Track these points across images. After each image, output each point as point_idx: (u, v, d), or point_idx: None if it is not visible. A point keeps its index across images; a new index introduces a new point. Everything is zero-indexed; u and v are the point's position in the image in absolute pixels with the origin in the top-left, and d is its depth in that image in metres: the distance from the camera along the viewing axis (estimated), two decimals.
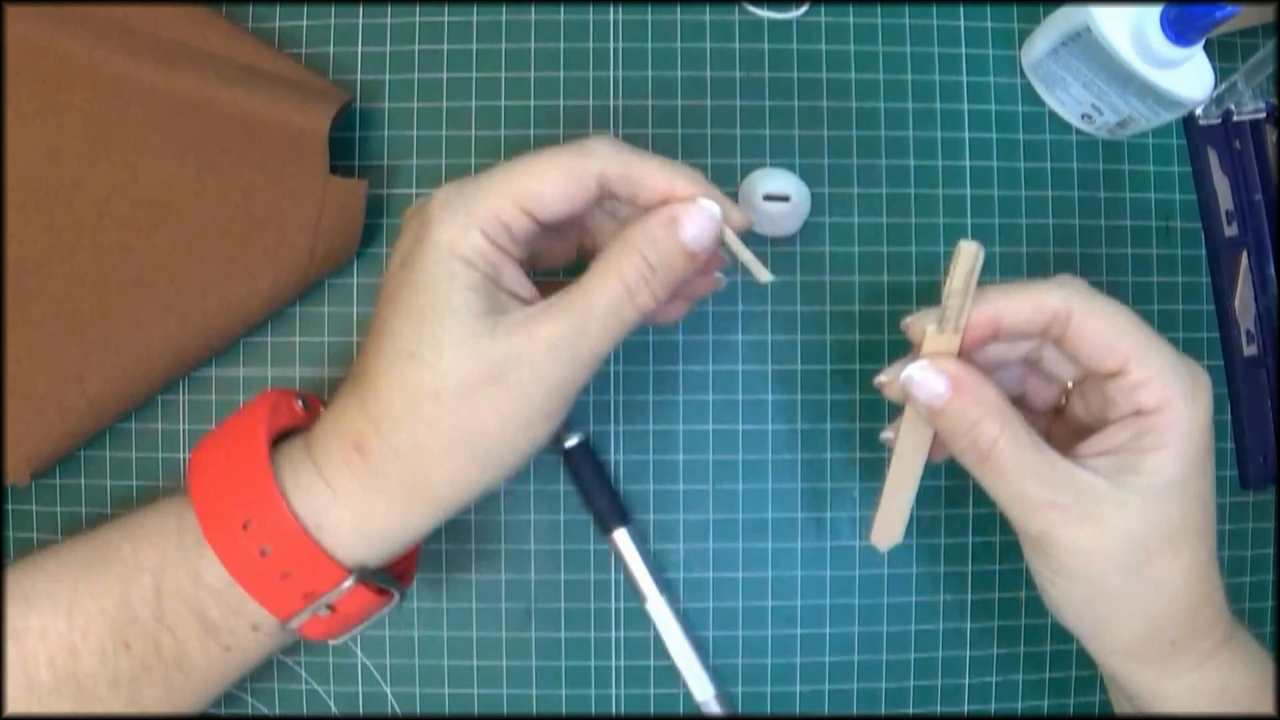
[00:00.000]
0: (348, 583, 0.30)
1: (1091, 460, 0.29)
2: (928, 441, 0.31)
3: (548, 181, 0.30)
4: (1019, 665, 0.42)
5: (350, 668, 0.42)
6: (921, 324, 0.31)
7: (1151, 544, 0.29)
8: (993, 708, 0.42)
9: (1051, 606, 0.32)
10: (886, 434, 0.33)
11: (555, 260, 0.36)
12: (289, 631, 0.32)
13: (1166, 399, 0.28)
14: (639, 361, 0.42)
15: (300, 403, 0.34)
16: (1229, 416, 0.44)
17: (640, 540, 0.41)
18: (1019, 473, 0.29)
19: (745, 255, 0.32)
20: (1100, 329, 0.29)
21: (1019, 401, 0.34)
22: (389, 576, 0.32)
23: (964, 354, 0.31)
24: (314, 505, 0.30)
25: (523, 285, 0.31)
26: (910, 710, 0.42)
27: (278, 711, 0.42)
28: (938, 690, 0.42)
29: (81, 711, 0.30)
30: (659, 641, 0.42)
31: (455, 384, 0.29)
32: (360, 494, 0.30)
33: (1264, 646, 0.33)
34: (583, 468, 0.41)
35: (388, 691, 0.42)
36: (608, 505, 0.41)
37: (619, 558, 0.41)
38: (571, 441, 0.41)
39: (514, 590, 0.42)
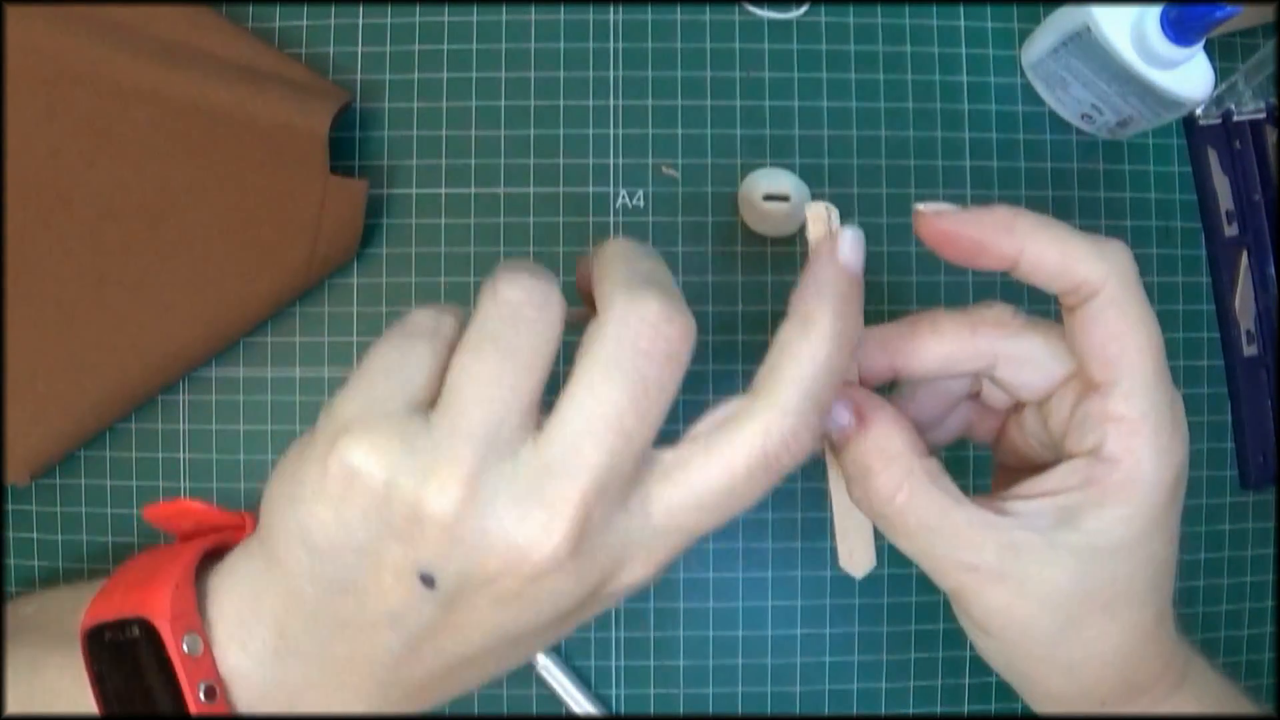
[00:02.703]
0: None
1: (1027, 504, 0.25)
2: None
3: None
4: None
5: None
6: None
7: (1081, 611, 0.25)
8: (993, 708, 0.42)
9: (979, 654, 0.29)
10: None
11: None
12: None
13: (1131, 450, 0.24)
14: None
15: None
16: (1229, 417, 0.44)
17: None
18: (922, 532, 0.25)
19: None
20: (1113, 331, 0.24)
21: (976, 396, 0.30)
22: None
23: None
24: None
25: None
26: (910, 710, 0.42)
27: None
28: (938, 690, 0.42)
29: None
30: (659, 642, 0.42)
31: None
32: None
33: (1225, 677, 0.30)
34: None
35: None
36: None
37: None
38: None
39: None
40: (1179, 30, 0.36)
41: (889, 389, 0.29)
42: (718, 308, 0.42)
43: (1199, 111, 0.43)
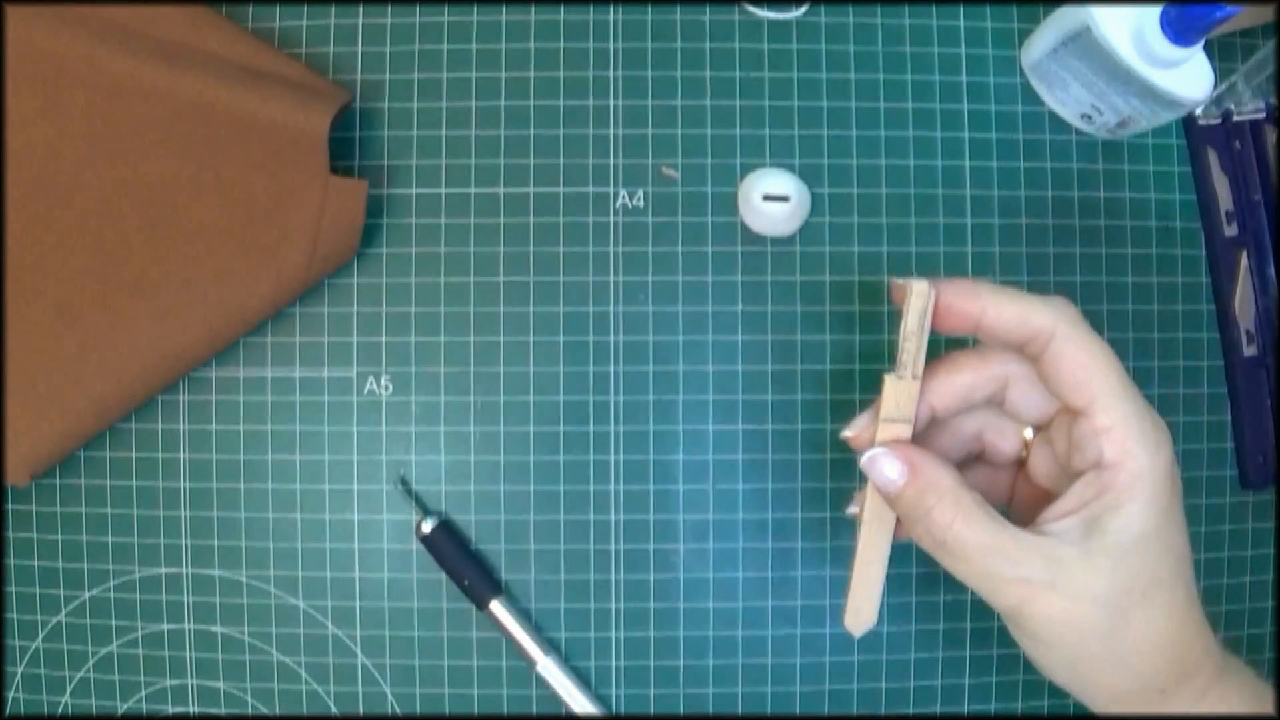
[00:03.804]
0: None
1: (1058, 524, 0.29)
2: (894, 513, 0.31)
3: None
4: (1019, 665, 0.42)
5: (350, 668, 0.42)
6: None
7: (1125, 602, 0.28)
8: (993, 708, 0.42)
9: (1037, 668, 0.31)
10: (852, 509, 0.32)
11: None
12: None
13: (1127, 451, 0.28)
14: (639, 361, 0.42)
15: None
16: (1229, 416, 0.44)
17: (517, 604, 0.41)
18: (978, 553, 0.29)
19: None
20: (1077, 360, 0.29)
21: (980, 458, 0.33)
22: None
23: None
24: None
25: None
26: (910, 710, 0.42)
27: (278, 711, 0.42)
28: (938, 690, 0.42)
29: None
30: (659, 642, 0.42)
31: None
32: None
33: (1260, 675, 0.32)
34: (444, 549, 0.41)
35: (388, 691, 0.42)
36: (477, 580, 0.41)
37: (500, 627, 0.41)
38: (428, 526, 0.41)
39: (514, 590, 0.42)
40: (1179, 30, 0.36)
41: None
42: (718, 308, 0.42)
43: (1199, 111, 0.43)
